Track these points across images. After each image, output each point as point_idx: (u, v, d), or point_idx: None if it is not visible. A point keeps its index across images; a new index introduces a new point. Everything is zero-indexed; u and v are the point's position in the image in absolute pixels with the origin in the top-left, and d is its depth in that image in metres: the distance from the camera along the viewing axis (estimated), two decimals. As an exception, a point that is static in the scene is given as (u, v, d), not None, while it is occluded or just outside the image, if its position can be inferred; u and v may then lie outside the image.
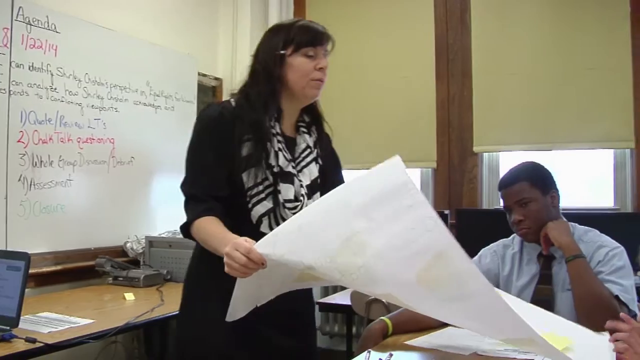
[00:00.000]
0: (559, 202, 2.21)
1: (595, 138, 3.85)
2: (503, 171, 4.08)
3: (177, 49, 3.95)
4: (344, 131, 4.25)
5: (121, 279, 3.11)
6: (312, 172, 1.87)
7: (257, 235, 1.51)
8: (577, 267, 1.99)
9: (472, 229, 3.63)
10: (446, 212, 3.70)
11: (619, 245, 2.14)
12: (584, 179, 4.03)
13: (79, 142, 3.22)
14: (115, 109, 3.45)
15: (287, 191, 1.76)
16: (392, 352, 1.58)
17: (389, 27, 4.36)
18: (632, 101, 3.76)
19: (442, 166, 4.23)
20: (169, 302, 2.65)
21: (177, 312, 1.95)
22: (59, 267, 3.06)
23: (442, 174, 4.23)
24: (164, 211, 3.70)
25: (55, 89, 3.09)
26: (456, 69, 4.21)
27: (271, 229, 1.66)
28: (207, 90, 4.31)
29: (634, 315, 1.95)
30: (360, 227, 1.18)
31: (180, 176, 1.81)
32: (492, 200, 4.17)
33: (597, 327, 1.67)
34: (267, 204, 1.74)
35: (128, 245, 3.41)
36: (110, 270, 3.14)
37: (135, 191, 3.60)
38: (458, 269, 1.12)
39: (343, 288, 3.97)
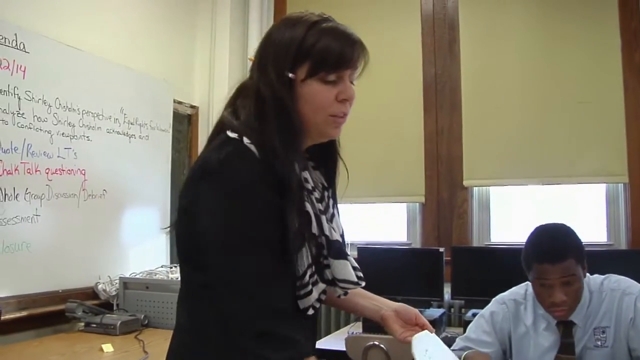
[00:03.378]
0: None
1: (587, 172, 3.72)
2: (494, 206, 3.99)
3: (153, 74, 3.71)
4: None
5: (94, 325, 2.80)
6: (339, 225, 1.37)
7: (302, 322, 1.23)
8: None
9: (467, 267, 3.48)
10: (441, 250, 3.51)
11: None
12: (577, 213, 3.90)
13: (47, 173, 2.93)
14: (87, 137, 3.17)
15: (342, 269, 1.29)
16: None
17: (375, 56, 4.16)
18: (624, 134, 3.66)
19: (430, 201, 4.04)
20: (154, 353, 2.37)
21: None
22: (24, 313, 2.74)
23: (430, 209, 4.04)
24: (138, 249, 3.41)
25: (23, 114, 2.81)
26: (445, 101, 4.05)
27: (314, 308, 1.26)
28: (183, 119, 4.05)
29: None
30: None
31: (156, 211, 1.32)
32: (482, 236, 4.00)
33: None
34: (321, 285, 1.27)
35: (100, 286, 3.11)
36: (81, 315, 2.83)
37: (107, 227, 3.29)
38: None
39: (333, 330, 3.73)
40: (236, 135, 1.21)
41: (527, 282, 2.15)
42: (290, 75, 1.22)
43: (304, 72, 1.22)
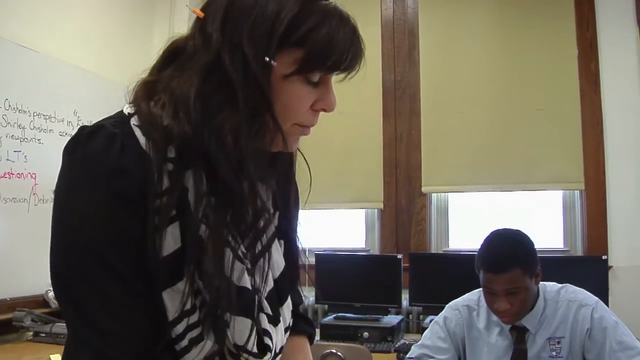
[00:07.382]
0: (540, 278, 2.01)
1: (544, 179, 3.77)
2: (452, 213, 4.01)
3: (109, 76, 3.61)
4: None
5: (43, 334, 2.71)
6: (277, 263, 1.01)
7: None
8: None
9: (426, 273, 3.49)
10: (399, 256, 3.50)
11: (596, 299, 2.00)
12: (534, 220, 3.94)
13: (-5, 176, 2.84)
14: (38, 140, 3.08)
15: (239, 332, 0.88)
16: None
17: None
18: (580, 142, 3.72)
19: (389, 207, 4.04)
20: (104, 363, 2.28)
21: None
22: (-32, 323, 2.64)
23: (389, 215, 4.04)
24: (91, 255, 3.31)
25: (-30, 115, 2.72)
26: (404, 107, 4.06)
27: None
28: (139, 123, 3.97)
29: None
30: None
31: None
32: (440, 242, 4.02)
33: None
34: (208, 344, 0.86)
35: (50, 294, 3.00)
36: (30, 325, 2.74)
37: (58, 233, 3.19)
38: None
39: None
40: (130, 111, 0.89)
41: (480, 289, 2.15)
42: (274, 63, 0.85)
43: (290, 63, 0.86)
